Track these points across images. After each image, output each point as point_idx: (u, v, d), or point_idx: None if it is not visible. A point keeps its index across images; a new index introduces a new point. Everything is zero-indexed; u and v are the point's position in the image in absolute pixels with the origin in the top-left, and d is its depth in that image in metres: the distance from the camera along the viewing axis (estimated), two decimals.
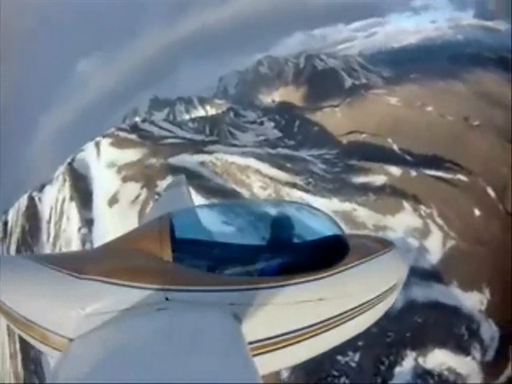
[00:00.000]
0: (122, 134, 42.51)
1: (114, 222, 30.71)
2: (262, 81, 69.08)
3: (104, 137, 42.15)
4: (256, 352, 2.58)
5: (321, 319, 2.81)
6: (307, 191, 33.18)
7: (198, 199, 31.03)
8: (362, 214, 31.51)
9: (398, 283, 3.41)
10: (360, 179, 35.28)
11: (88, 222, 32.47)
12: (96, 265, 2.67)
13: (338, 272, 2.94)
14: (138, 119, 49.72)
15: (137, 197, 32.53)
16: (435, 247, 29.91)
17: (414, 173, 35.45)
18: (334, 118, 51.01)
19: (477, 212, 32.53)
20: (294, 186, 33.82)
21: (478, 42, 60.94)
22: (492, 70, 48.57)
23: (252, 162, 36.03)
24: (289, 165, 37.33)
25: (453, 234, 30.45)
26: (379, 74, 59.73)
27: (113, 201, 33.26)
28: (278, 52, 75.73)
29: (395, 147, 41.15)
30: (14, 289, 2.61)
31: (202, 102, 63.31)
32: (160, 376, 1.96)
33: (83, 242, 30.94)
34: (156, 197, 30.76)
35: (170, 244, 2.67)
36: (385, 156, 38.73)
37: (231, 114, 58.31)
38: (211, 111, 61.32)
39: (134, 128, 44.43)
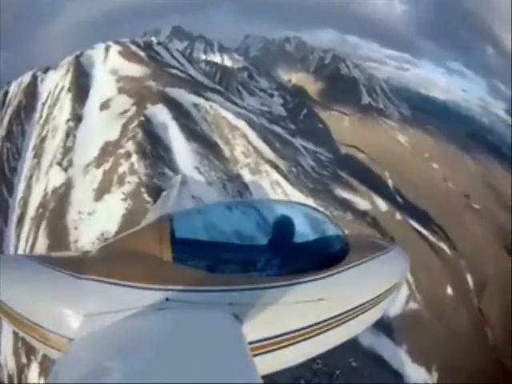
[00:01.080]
0: (134, 48, 43.90)
1: (99, 127, 32.33)
2: (284, 57, 70.15)
3: (116, 43, 43.61)
4: (256, 352, 2.70)
5: (321, 319, 2.96)
6: (286, 179, 34.12)
7: (179, 138, 33.22)
8: None
9: (398, 283, 3.62)
10: (344, 194, 35.75)
11: (77, 118, 34.12)
12: (96, 265, 2.80)
13: (339, 272, 3.09)
14: (154, 40, 50.84)
15: (125, 111, 34.25)
16: (397, 301, 30.12)
17: (399, 216, 35.84)
18: (341, 125, 52.95)
19: (449, 290, 32.76)
20: (275, 167, 34.64)
21: (500, 136, 62.82)
22: (506, 168, 49.62)
23: (242, 125, 37.49)
24: (278, 145, 38.33)
25: (418, 297, 30.44)
26: (398, 108, 61.76)
27: (104, 106, 34.83)
28: (307, 39, 77.15)
29: (390, 183, 42.51)
30: (14, 289, 2.72)
31: (222, 50, 64.30)
32: (160, 376, 2.05)
33: (67, 135, 32.75)
34: (142, 118, 32.76)
35: (170, 244, 2.81)
36: (376, 185, 39.55)
37: (245, 74, 59.93)
38: (227, 62, 62.46)
39: (148, 46, 45.80)
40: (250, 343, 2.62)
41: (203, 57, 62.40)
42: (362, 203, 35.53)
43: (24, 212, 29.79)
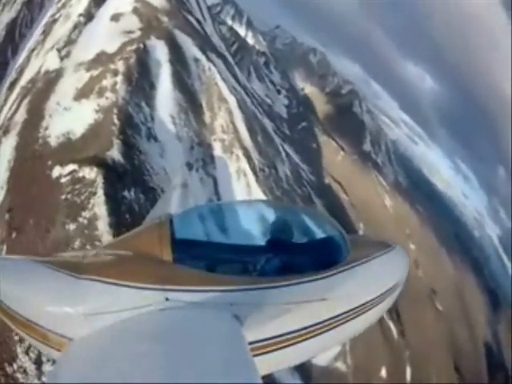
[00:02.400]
0: None
1: (103, 34, 35.53)
2: (305, 65, 75.00)
3: None
4: (256, 352, 2.94)
5: (322, 319, 3.24)
6: (255, 174, 36.12)
7: (167, 81, 37.24)
8: None
9: (398, 283, 3.94)
10: None
11: (89, 16, 37.36)
12: (96, 265, 3.10)
13: (339, 272, 3.35)
14: None
15: (130, 32, 37.66)
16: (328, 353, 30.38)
17: None
18: (335, 156, 57.13)
19: (383, 372, 34.96)
20: (247, 157, 36.86)
21: (486, 258, 67.03)
22: (481, 289, 54.64)
23: (232, 102, 40.98)
24: (260, 140, 40.72)
25: (349, 361, 32.50)
26: (395, 172, 65.81)
27: (115, 18, 38.00)
28: (332, 60, 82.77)
29: (360, 233, 44.70)
30: (14, 289, 2.97)
31: (249, 26, 68.19)
32: (160, 376, 2.25)
33: (74, 27, 35.86)
34: (141, 45, 36.57)
35: (170, 244, 3.06)
36: (346, 229, 44.27)
37: (262, 59, 64.44)
38: (249, 40, 66.46)
39: None
40: (251, 343, 2.86)
41: (229, 22, 66.24)
42: None
43: (18, 79, 33.32)
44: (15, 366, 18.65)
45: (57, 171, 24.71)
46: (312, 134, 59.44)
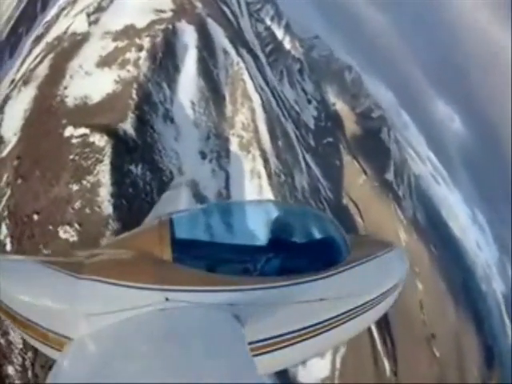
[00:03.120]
0: None
1: (133, 8, 38.21)
2: (339, 81, 77.81)
3: None
4: (256, 352, 3.29)
5: (322, 319, 3.62)
6: (269, 177, 37.24)
7: (192, 67, 39.85)
8: None
9: (398, 284, 4.38)
10: None
11: None
12: (96, 265, 3.45)
13: (339, 272, 3.76)
14: None
15: (161, 11, 39.98)
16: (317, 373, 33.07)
17: None
18: (356, 178, 59.61)
19: None
20: (265, 159, 38.19)
21: (489, 312, 69.09)
22: (482, 345, 56.92)
23: (256, 101, 41.92)
24: (281, 145, 42.33)
25: None
26: (414, 207, 67.97)
27: None
28: (366, 81, 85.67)
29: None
30: (14, 289, 3.34)
31: (288, 30, 70.58)
32: (160, 376, 2.56)
33: None
34: (170, 26, 39.22)
35: (170, 244, 3.49)
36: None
37: (297, 66, 67.23)
38: (286, 44, 69.31)
39: None
40: (251, 343, 3.20)
41: (268, 22, 69.11)
42: None
43: (44, 34, 36.52)
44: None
45: (69, 131, 26.80)
46: (337, 151, 61.59)
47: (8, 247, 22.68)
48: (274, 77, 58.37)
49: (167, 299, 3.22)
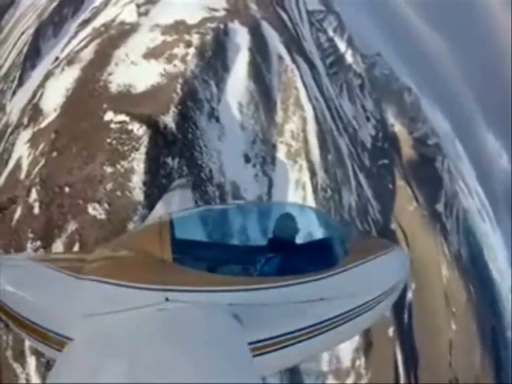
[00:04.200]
0: None
1: (186, 5, 43.01)
2: (399, 103, 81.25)
3: None
4: (256, 352, 3.73)
5: (322, 319, 4.14)
6: (314, 192, 39.83)
7: (243, 69, 43.12)
8: None
9: (397, 284, 5.07)
10: None
11: None
12: (96, 265, 3.98)
13: (339, 272, 4.30)
14: None
15: (214, 9, 42.85)
16: None
17: (391, 333, 44.41)
18: (406, 204, 62.66)
19: None
20: (311, 172, 40.77)
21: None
22: None
23: (309, 111, 42.95)
24: (330, 159, 44.39)
25: None
26: (459, 243, 70.37)
27: None
28: (424, 106, 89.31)
29: (408, 296, 51.30)
30: (14, 289, 3.83)
31: (350, 44, 73.33)
32: (160, 376, 2.93)
33: None
34: (221, 26, 42.88)
35: (170, 245, 3.98)
36: None
37: (357, 81, 71.13)
38: (348, 58, 72.61)
39: None
40: (251, 343, 3.63)
41: (330, 33, 73.36)
42: None
43: (91, 19, 42.04)
44: None
45: (109, 116, 30.24)
46: (391, 174, 64.56)
47: (35, 211, 26.09)
48: (334, 90, 61.97)
49: (167, 299, 3.67)
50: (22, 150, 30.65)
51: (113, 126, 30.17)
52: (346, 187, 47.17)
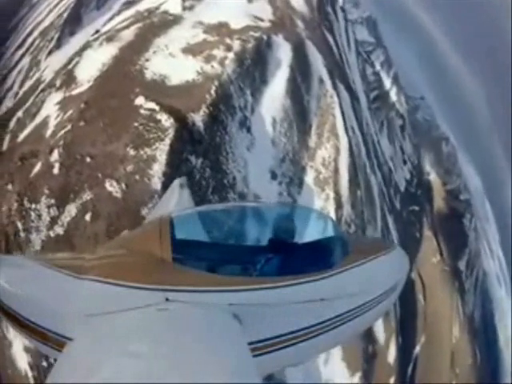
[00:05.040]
0: None
1: (233, 7, 46.56)
2: (436, 152, 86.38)
3: None
4: (256, 352, 4.08)
5: (322, 319, 4.52)
6: (338, 222, 40.83)
7: (281, 85, 45.78)
8: None
9: (397, 284, 5.49)
10: None
11: None
12: (96, 265, 4.31)
13: (339, 272, 4.67)
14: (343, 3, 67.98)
15: (260, 19, 45.97)
16: None
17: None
18: (430, 256, 66.30)
19: None
20: (337, 204, 42.79)
21: None
22: None
23: (343, 142, 44.61)
24: (359, 195, 46.64)
25: None
26: (475, 305, 73.72)
27: None
28: (460, 158, 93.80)
29: (416, 348, 55.76)
30: (14, 289, 4.22)
31: (396, 81, 77.28)
32: (160, 376, 3.19)
33: None
34: (264, 37, 44.93)
35: (171, 244, 4.30)
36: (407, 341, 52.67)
37: (399, 121, 74.78)
38: (392, 96, 76.79)
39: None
40: (250, 344, 3.98)
41: (377, 66, 77.45)
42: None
43: (135, 2, 46.44)
44: None
45: (139, 101, 32.42)
46: (420, 222, 67.48)
47: (55, 171, 28.46)
48: (374, 125, 64.93)
49: (167, 299, 3.99)
50: (50, 110, 33.36)
51: (142, 111, 32.38)
52: (371, 226, 48.74)
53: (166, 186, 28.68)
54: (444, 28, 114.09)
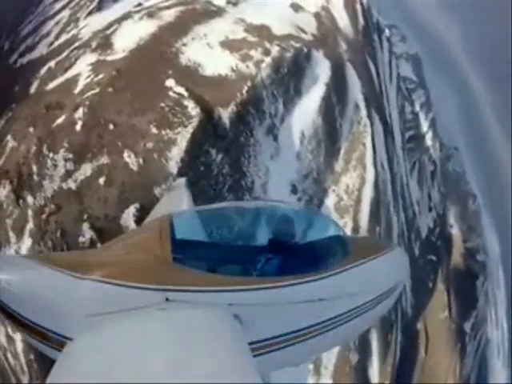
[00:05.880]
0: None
1: (278, 13, 49.13)
2: (462, 207, 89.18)
3: None
4: (256, 352, 4.51)
5: (322, 319, 5.01)
6: None
7: (314, 102, 47.56)
8: None
9: (397, 285, 6.06)
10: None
11: None
12: (96, 265, 4.66)
13: (339, 273, 5.16)
14: (393, 34, 70.53)
15: (301, 30, 48.76)
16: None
17: None
18: (439, 310, 68.25)
19: None
20: (355, 229, 44.45)
21: None
22: None
23: (370, 174, 47.21)
24: (378, 232, 47.74)
25: None
26: (473, 369, 76.16)
27: (295, 6, 51.94)
28: (483, 217, 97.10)
29: None
30: (14, 288, 4.46)
31: (433, 126, 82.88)
32: (160, 376, 3.48)
33: None
34: (305, 49, 46.34)
35: (171, 244, 4.71)
36: None
37: (430, 167, 77.66)
38: (427, 140, 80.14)
39: (379, 30, 65.61)
40: (251, 343, 4.37)
41: (416, 107, 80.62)
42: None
43: None
44: None
45: (170, 83, 34.35)
46: (435, 273, 69.43)
47: (77, 128, 30.47)
48: (405, 165, 66.91)
49: (167, 299, 4.38)
50: (82, 69, 35.49)
51: (171, 93, 34.05)
52: None
53: (181, 172, 30.21)
54: (486, 85, 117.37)
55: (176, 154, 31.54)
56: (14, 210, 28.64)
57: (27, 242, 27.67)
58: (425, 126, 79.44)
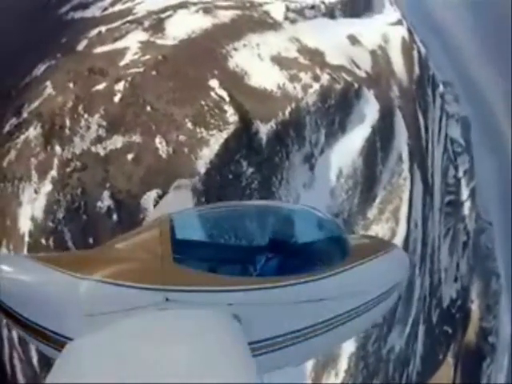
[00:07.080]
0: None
1: (333, 41, 50.51)
2: (485, 283, 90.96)
3: None
4: (256, 352, 4.75)
5: (322, 319, 5.27)
6: None
7: (357, 142, 48.73)
8: None
9: (397, 285, 6.36)
10: None
11: (331, 14, 54.59)
12: (96, 265, 4.87)
13: (339, 272, 5.40)
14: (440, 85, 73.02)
15: (355, 64, 49.60)
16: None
17: None
18: (445, 367, 70.01)
19: None
20: None
21: None
22: None
23: (401, 230, 48.26)
24: None
25: None
26: None
27: (352, 38, 53.62)
28: (503, 299, 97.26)
29: None
30: (13, 288, 4.71)
31: (472, 197, 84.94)
32: (160, 376, 3.67)
33: None
34: (356, 86, 47.56)
35: (171, 244, 4.95)
36: None
37: (463, 237, 79.17)
38: (465, 210, 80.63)
39: (432, 81, 67.54)
40: (250, 344, 4.60)
41: (460, 173, 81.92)
42: None
43: None
44: None
45: (214, 83, 35.66)
46: (447, 345, 71.51)
47: (115, 99, 31.97)
48: (439, 229, 67.73)
49: (167, 299, 4.63)
50: (132, 44, 36.95)
51: (212, 94, 34.77)
52: (398, 327, 50.77)
53: (209, 174, 31.00)
54: None
55: (207, 154, 32.27)
56: (40, 152, 29.99)
57: (47, 187, 29.00)
58: (465, 193, 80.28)
